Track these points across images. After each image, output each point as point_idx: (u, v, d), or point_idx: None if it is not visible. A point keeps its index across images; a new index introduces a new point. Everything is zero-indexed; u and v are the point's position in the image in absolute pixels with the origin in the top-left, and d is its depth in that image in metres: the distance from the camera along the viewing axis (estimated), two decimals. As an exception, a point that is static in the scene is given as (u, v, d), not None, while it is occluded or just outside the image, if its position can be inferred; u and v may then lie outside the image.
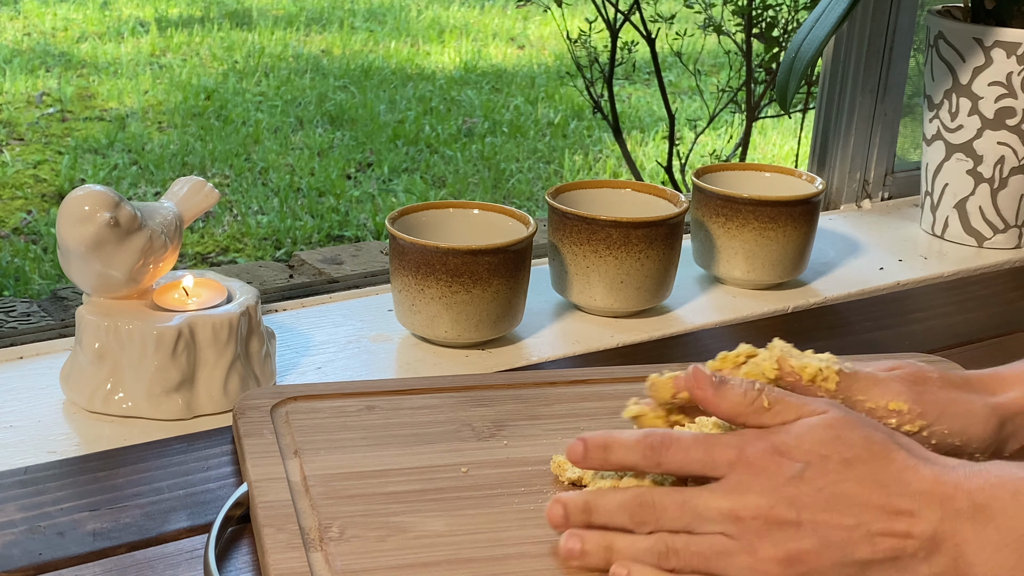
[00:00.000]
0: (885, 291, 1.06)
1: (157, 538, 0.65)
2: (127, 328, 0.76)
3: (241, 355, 0.79)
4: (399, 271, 0.88)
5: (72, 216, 0.74)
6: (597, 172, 3.26)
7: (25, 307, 1.22)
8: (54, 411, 0.78)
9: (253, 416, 0.73)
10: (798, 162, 2.58)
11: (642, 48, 2.26)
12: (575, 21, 2.48)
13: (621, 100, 3.89)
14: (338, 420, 0.73)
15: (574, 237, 0.93)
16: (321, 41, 4.54)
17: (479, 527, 0.64)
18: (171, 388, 0.77)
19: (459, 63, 4.29)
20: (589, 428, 0.75)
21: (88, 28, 4.51)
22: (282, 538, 0.61)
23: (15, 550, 0.63)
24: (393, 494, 0.66)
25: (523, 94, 3.94)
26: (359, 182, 3.13)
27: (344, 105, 3.70)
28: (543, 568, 0.61)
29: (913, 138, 1.40)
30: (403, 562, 0.60)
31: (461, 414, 0.75)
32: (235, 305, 0.80)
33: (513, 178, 3.18)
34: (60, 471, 0.71)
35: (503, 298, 0.88)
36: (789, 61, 1.06)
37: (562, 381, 0.80)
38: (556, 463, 0.69)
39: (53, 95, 3.67)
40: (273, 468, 0.67)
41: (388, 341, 0.91)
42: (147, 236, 0.77)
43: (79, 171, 3.05)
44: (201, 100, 3.69)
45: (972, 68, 1.13)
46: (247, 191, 3.00)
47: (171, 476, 0.71)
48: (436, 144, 3.41)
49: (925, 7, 1.28)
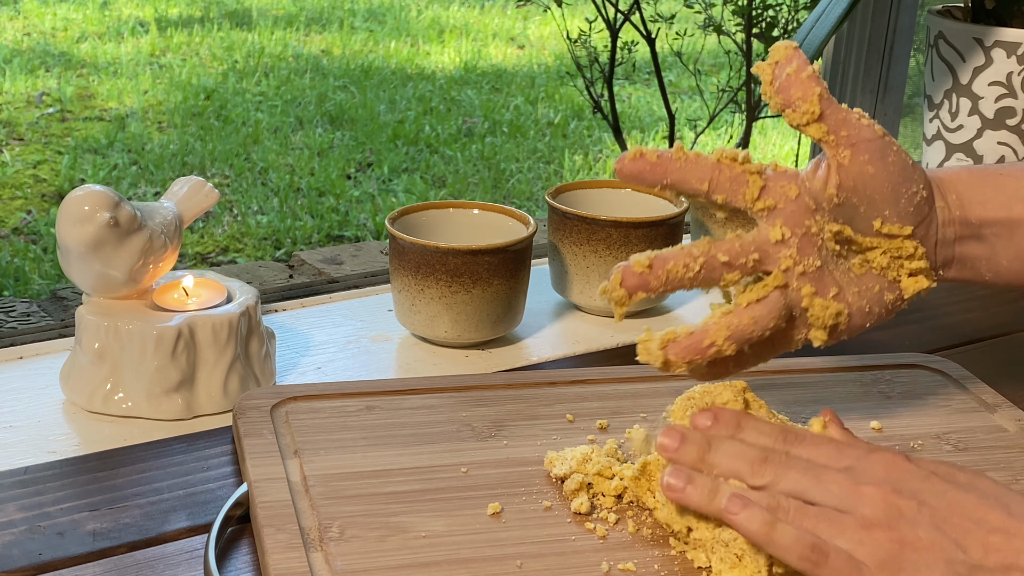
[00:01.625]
0: (885, 291, 1.06)
1: (157, 538, 0.65)
2: (127, 328, 0.76)
3: (241, 355, 0.79)
4: (399, 271, 0.88)
5: (72, 216, 0.74)
6: (597, 172, 3.26)
7: (25, 307, 1.22)
8: (54, 411, 0.78)
9: (253, 416, 0.73)
10: (798, 162, 2.58)
11: (642, 48, 2.26)
12: (575, 21, 2.48)
13: (621, 100, 3.89)
14: (338, 420, 0.73)
15: (574, 237, 0.93)
16: (321, 41, 4.54)
17: (479, 527, 0.64)
18: (171, 388, 0.77)
19: (459, 63, 4.29)
20: (589, 428, 0.75)
21: (88, 28, 4.52)
22: (282, 538, 0.61)
23: (15, 550, 0.63)
24: (393, 494, 0.66)
25: (523, 94, 3.94)
26: (359, 182, 3.13)
27: (344, 105, 3.70)
28: (543, 568, 0.61)
29: (913, 138, 1.40)
30: (403, 562, 0.60)
31: (461, 414, 0.75)
32: (235, 305, 0.80)
33: (513, 178, 3.18)
34: (60, 471, 0.71)
35: (503, 298, 0.88)
36: (789, 61, 1.06)
37: (562, 381, 0.80)
38: (548, 460, 0.69)
39: (53, 95, 3.67)
40: (273, 468, 0.67)
41: (388, 341, 0.91)
42: (147, 236, 0.77)
43: (79, 171, 3.05)
44: (201, 100, 3.69)
45: (972, 68, 1.13)
46: (247, 191, 3.00)
47: (171, 476, 0.71)
48: (436, 144, 3.41)
49: (925, 7, 1.28)
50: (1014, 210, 0.68)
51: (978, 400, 0.81)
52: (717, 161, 0.62)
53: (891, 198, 0.64)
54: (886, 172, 0.64)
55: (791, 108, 0.63)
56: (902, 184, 0.64)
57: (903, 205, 0.65)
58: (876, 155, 0.63)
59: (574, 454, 0.69)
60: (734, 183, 0.62)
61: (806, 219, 0.63)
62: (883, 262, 0.66)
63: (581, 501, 0.66)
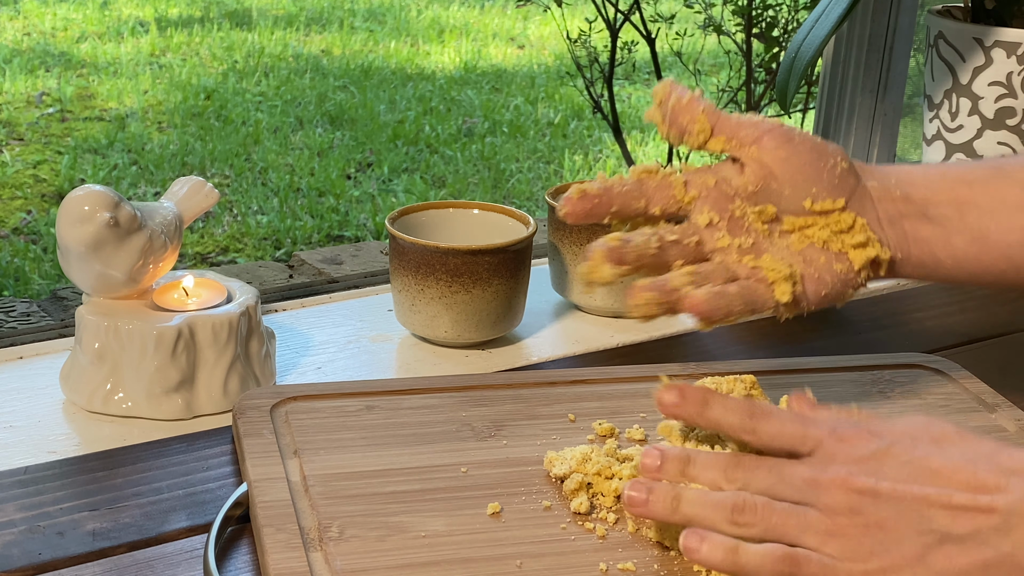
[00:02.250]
0: (885, 291, 1.06)
1: (157, 538, 0.65)
2: (127, 328, 0.76)
3: (241, 355, 0.79)
4: (399, 271, 0.88)
5: (72, 216, 0.74)
6: (597, 172, 3.26)
7: (25, 307, 1.22)
8: (54, 411, 0.78)
9: (253, 416, 0.73)
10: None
11: (642, 48, 2.26)
12: (575, 21, 2.48)
13: (621, 100, 3.89)
14: (338, 420, 0.73)
15: (574, 237, 0.93)
16: (321, 41, 4.54)
17: (479, 527, 0.64)
18: (171, 388, 0.77)
19: (459, 63, 4.29)
20: (588, 428, 0.75)
21: (88, 28, 4.51)
22: (282, 538, 0.61)
23: (15, 550, 0.63)
24: (393, 494, 0.66)
25: (523, 94, 3.94)
26: (359, 182, 3.13)
27: (344, 105, 3.70)
28: (543, 568, 0.61)
29: (913, 138, 1.41)
30: (403, 562, 0.60)
31: (461, 414, 0.75)
32: (235, 305, 0.80)
33: (513, 178, 3.18)
34: (60, 471, 0.71)
35: (503, 298, 0.88)
36: (789, 61, 1.06)
37: (562, 381, 0.80)
38: (548, 460, 0.69)
39: (53, 95, 3.67)
40: (273, 468, 0.67)
41: (388, 341, 0.91)
42: (147, 236, 0.77)
43: (79, 171, 3.05)
44: (201, 100, 3.69)
45: (972, 68, 1.13)
46: (247, 191, 3.00)
47: (171, 476, 0.71)
48: (436, 144, 3.41)
49: (925, 7, 1.28)
50: (958, 192, 0.69)
51: (978, 400, 0.81)
52: (639, 179, 0.66)
53: (812, 174, 0.66)
54: (796, 152, 0.66)
55: (687, 134, 0.67)
56: (818, 159, 0.66)
57: (827, 179, 0.66)
58: (782, 140, 0.66)
59: (574, 454, 0.69)
60: (661, 191, 0.66)
61: (728, 204, 0.66)
62: (823, 236, 0.67)
63: (581, 501, 0.66)
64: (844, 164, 0.67)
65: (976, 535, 0.55)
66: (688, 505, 0.59)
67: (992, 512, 0.55)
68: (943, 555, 0.55)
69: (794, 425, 0.61)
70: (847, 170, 0.67)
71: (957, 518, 0.55)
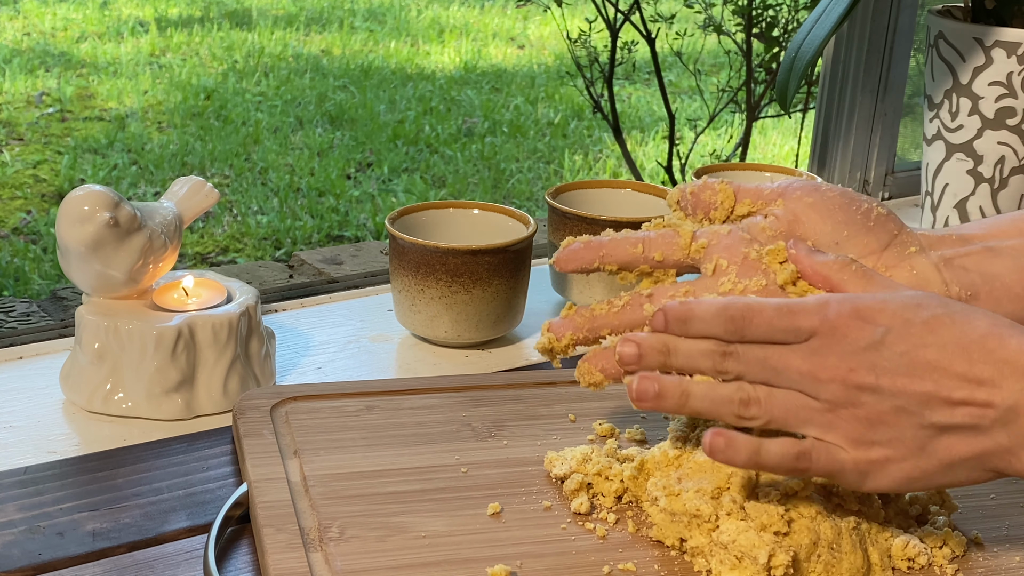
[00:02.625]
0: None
1: (157, 538, 0.65)
2: (127, 328, 0.76)
3: (241, 355, 0.79)
4: (399, 271, 0.88)
5: (72, 216, 0.74)
6: (597, 172, 3.26)
7: (25, 307, 1.21)
8: (54, 411, 0.78)
9: (253, 416, 0.73)
10: (798, 162, 2.58)
11: (642, 48, 2.26)
12: (575, 21, 2.48)
13: (621, 100, 3.89)
14: (338, 420, 0.73)
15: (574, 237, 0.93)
16: (321, 41, 4.54)
17: (479, 527, 0.64)
18: (171, 388, 0.77)
19: (459, 63, 4.29)
20: (588, 428, 0.75)
21: (88, 28, 4.51)
22: (282, 538, 0.61)
23: (15, 550, 0.63)
24: (393, 494, 0.66)
25: (523, 94, 3.94)
26: (359, 182, 3.13)
27: (344, 105, 3.70)
28: (543, 568, 0.61)
29: (913, 138, 1.41)
30: (403, 562, 0.60)
31: (461, 414, 0.75)
32: (235, 305, 0.80)
33: (513, 178, 3.18)
34: (60, 471, 0.71)
35: (503, 298, 0.88)
36: (789, 61, 1.06)
37: (562, 381, 0.80)
38: (548, 460, 0.69)
39: (53, 95, 3.67)
40: (273, 468, 0.67)
41: (388, 341, 0.91)
42: (147, 236, 0.77)
43: (79, 171, 3.05)
44: (201, 100, 3.69)
45: (972, 68, 1.13)
46: (247, 191, 3.00)
47: (171, 476, 0.71)
48: (436, 144, 3.41)
49: (925, 7, 1.28)
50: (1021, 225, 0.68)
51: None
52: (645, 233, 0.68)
53: (842, 218, 0.66)
54: (824, 197, 0.67)
55: (713, 208, 0.68)
56: (849, 204, 0.67)
57: (859, 222, 0.66)
58: (809, 188, 0.67)
59: (574, 454, 0.69)
60: (665, 238, 0.67)
61: (743, 247, 0.66)
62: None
63: (581, 501, 0.66)
64: (881, 210, 0.67)
65: (975, 427, 0.56)
66: (697, 400, 0.58)
67: (989, 406, 0.56)
68: (943, 445, 0.57)
69: (782, 319, 0.58)
70: (885, 216, 0.66)
71: (956, 411, 0.56)
